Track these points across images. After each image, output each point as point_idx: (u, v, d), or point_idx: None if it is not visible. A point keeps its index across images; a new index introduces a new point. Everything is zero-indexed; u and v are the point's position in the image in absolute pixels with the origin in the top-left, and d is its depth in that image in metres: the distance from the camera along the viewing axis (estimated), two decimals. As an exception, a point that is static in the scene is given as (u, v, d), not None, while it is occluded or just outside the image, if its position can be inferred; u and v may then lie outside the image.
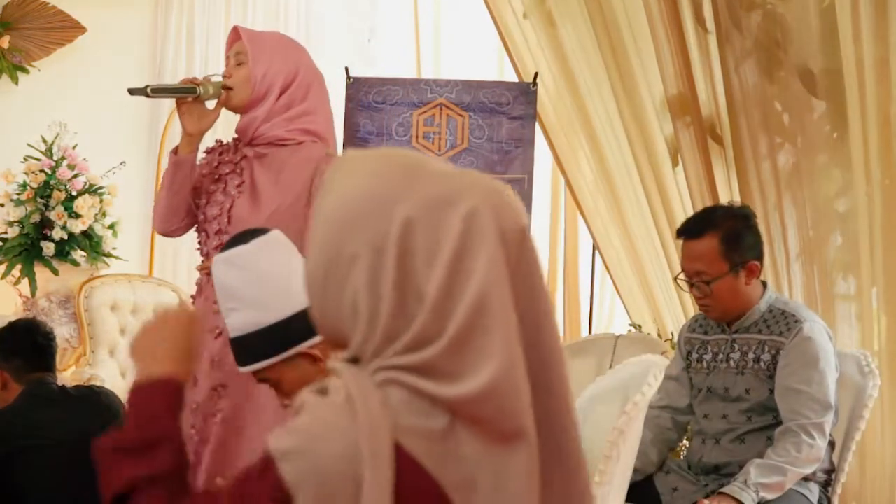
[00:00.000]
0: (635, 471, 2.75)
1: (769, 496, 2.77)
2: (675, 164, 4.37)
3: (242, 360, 2.07)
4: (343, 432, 1.10)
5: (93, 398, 3.03)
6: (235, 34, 2.88)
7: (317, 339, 2.05)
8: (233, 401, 2.71)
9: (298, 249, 2.14)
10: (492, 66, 6.20)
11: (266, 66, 2.80)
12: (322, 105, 2.89)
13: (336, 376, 1.15)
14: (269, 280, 2.04)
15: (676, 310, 4.47)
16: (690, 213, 4.07)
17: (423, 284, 1.10)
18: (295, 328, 2.04)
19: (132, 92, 2.80)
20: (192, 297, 2.88)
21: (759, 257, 2.97)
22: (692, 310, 3.96)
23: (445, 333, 1.09)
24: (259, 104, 2.80)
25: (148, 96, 2.83)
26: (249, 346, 2.05)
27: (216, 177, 2.88)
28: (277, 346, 2.04)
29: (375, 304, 1.11)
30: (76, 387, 3.06)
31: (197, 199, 2.90)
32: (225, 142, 2.99)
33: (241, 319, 2.04)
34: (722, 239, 2.90)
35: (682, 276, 3.00)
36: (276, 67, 2.81)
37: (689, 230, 2.98)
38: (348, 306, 1.13)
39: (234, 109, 2.86)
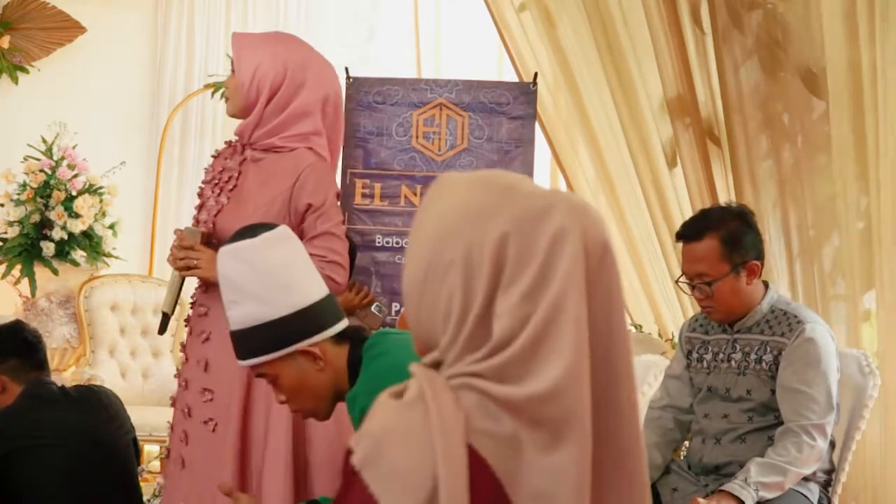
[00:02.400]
0: None
1: (769, 495, 2.76)
2: (673, 164, 4.37)
3: (241, 354, 2.07)
4: (415, 432, 1.14)
5: (92, 398, 3.03)
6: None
7: (316, 338, 2.05)
8: (219, 406, 2.70)
9: None
10: (492, 66, 6.20)
11: (251, 71, 2.78)
12: (318, 99, 2.83)
13: (412, 378, 1.20)
14: (272, 275, 2.04)
15: (676, 310, 4.47)
16: (689, 213, 4.07)
17: (509, 294, 1.17)
18: (296, 325, 2.04)
19: (162, 330, 2.83)
20: (191, 303, 2.88)
21: (760, 257, 2.96)
22: (692, 310, 3.96)
23: (520, 338, 1.15)
24: (251, 110, 2.80)
25: (168, 317, 2.84)
26: (249, 341, 2.05)
27: (215, 182, 2.88)
28: (277, 342, 2.04)
29: (465, 311, 1.18)
30: (76, 387, 3.06)
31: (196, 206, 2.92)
32: (232, 142, 2.99)
33: (242, 313, 2.04)
34: (722, 240, 2.90)
35: (682, 278, 3.00)
36: (263, 71, 2.78)
37: (689, 232, 2.97)
38: (442, 311, 1.20)
39: (235, 116, 2.86)
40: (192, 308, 2.83)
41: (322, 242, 2.72)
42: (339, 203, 2.85)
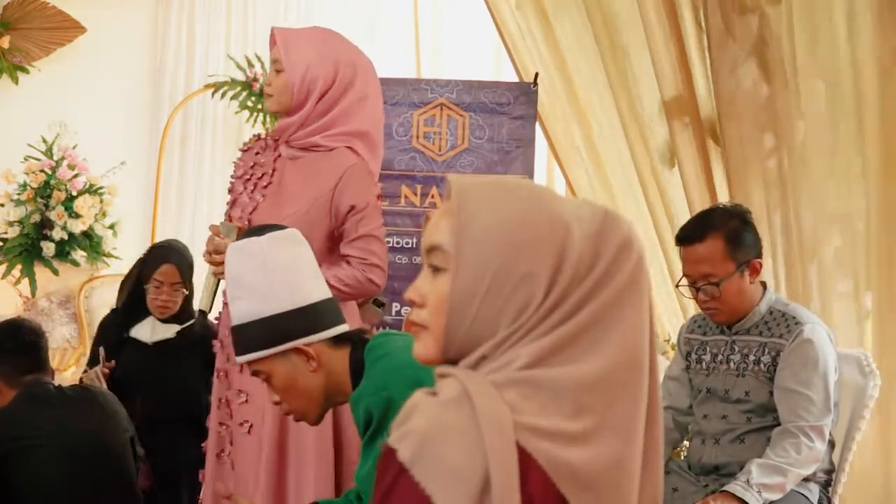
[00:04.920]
0: None
1: (771, 497, 2.76)
2: (671, 164, 4.37)
3: (240, 349, 2.09)
4: (463, 428, 1.15)
5: (90, 398, 3.03)
6: (271, 37, 2.84)
7: (312, 338, 2.06)
8: (253, 407, 2.72)
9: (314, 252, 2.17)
10: (490, 66, 6.20)
11: (303, 71, 2.77)
12: (364, 99, 2.83)
13: (445, 378, 1.22)
14: (274, 272, 2.06)
15: (676, 310, 4.47)
16: (688, 213, 4.07)
17: (573, 295, 1.22)
18: (293, 323, 2.05)
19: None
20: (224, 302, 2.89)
21: (759, 255, 2.97)
22: (691, 310, 3.96)
23: (579, 315, 1.20)
24: (299, 109, 2.79)
25: (205, 315, 2.85)
26: (247, 336, 2.06)
27: (248, 178, 2.88)
28: (273, 338, 2.05)
29: (533, 313, 1.21)
30: (73, 387, 3.05)
31: (228, 202, 2.92)
32: (262, 136, 2.97)
33: (243, 308, 2.06)
34: (725, 239, 2.90)
35: (683, 282, 2.99)
36: (314, 71, 2.77)
37: (691, 234, 2.96)
38: (508, 316, 1.22)
39: (278, 114, 2.84)
40: (224, 307, 2.82)
41: (362, 244, 2.75)
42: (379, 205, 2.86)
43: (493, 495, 1.11)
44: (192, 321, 3.75)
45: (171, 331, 3.77)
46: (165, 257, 3.77)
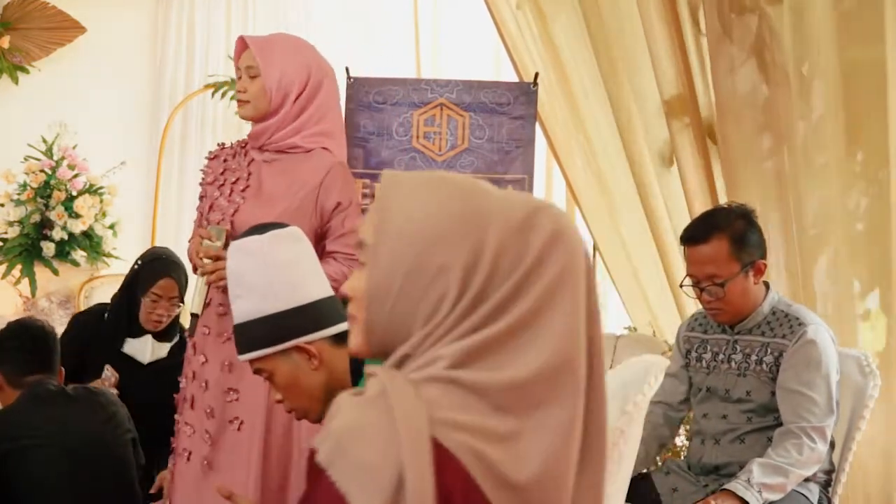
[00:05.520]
0: None
1: (772, 497, 2.76)
2: (670, 164, 4.37)
3: (241, 348, 2.09)
4: (377, 426, 1.15)
5: (91, 399, 3.03)
6: (242, 44, 2.87)
7: (313, 336, 2.06)
8: (245, 405, 2.72)
9: None
10: (490, 66, 6.20)
11: (279, 75, 2.81)
12: (331, 101, 2.90)
13: (370, 377, 1.21)
14: (275, 270, 2.06)
15: (672, 311, 4.47)
16: (687, 213, 4.07)
17: (497, 292, 1.20)
18: (295, 321, 2.06)
19: (192, 332, 2.81)
20: (206, 303, 2.89)
21: (764, 256, 2.97)
22: (688, 310, 3.96)
23: (501, 321, 1.18)
24: (276, 113, 2.82)
25: (197, 318, 2.81)
26: (249, 334, 2.07)
27: (220, 183, 2.89)
28: (275, 336, 2.05)
29: (452, 309, 1.20)
30: (74, 387, 3.05)
31: (201, 208, 2.93)
32: (227, 145, 3.00)
33: (245, 307, 2.07)
34: (731, 239, 2.89)
35: (687, 282, 2.99)
36: (290, 76, 2.82)
37: (696, 234, 2.96)
38: (424, 312, 1.21)
39: (253, 120, 2.86)
40: (205, 307, 2.82)
41: (349, 240, 2.79)
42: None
43: (407, 492, 1.11)
44: (176, 337, 3.72)
45: (164, 349, 3.73)
46: (166, 271, 3.68)
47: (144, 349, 3.70)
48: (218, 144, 3.04)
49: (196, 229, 2.92)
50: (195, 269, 2.83)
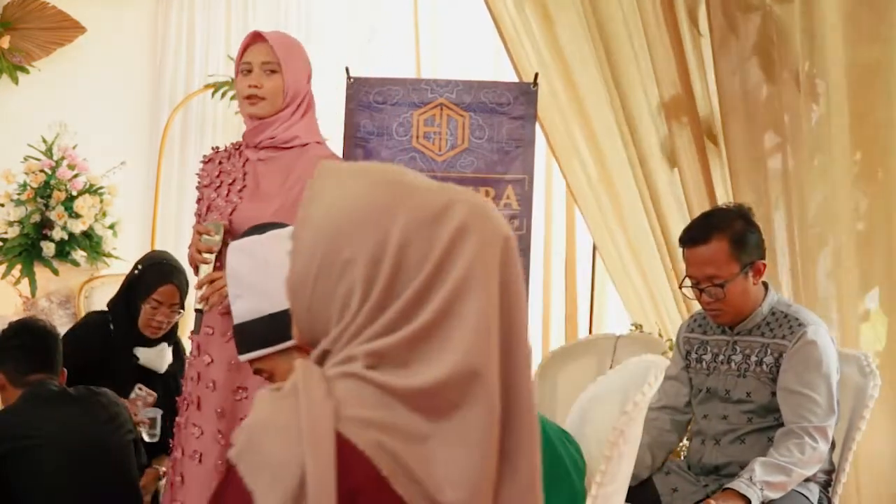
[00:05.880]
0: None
1: (773, 495, 2.76)
2: (672, 164, 4.37)
3: (241, 348, 2.09)
4: (285, 423, 1.15)
5: (92, 398, 3.03)
6: (254, 38, 2.86)
7: None
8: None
9: None
10: (489, 66, 6.20)
11: (298, 74, 2.83)
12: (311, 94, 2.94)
13: (294, 372, 1.21)
14: (274, 270, 2.06)
15: (674, 310, 4.47)
16: (688, 213, 4.07)
17: (408, 288, 1.17)
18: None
19: (197, 329, 2.78)
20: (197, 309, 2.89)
21: (763, 256, 2.97)
22: (691, 309, 3.95)
23: (414, 321, 1.16)
24: (284, 110, 2.83)
25: (202, 314, 2.78)
26: (249, 334, 2.07)
27: (217, 185, 2.89)
28: (275, 336, 2.05)
29: (360, 306, 1.18)
30: (76, 387, 3.05)
31: (199, 210, 2.93)
32: (222, 148, 3.00)
33: (244, 307, 2.07)
34: (730, 240, 2.89)
35: (686, 283, 2.98)
36: (299, 74, 2.84)
37: (695, 235, 2.96)
38: (336, 307, 1.20)
39: (265, 116, 2.85)
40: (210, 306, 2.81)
41: None
42: None
43: (308, 488, 1.11)
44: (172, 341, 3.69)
45: (170, 354, 3.71)
46: (168, 277, 3.63)
47: (161, 358, 3.66)
48: (212, 148, 3.05)
49: (195, 234, 2.91)
50: (196, 272, 2.82)
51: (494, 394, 1.17)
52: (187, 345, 3.21)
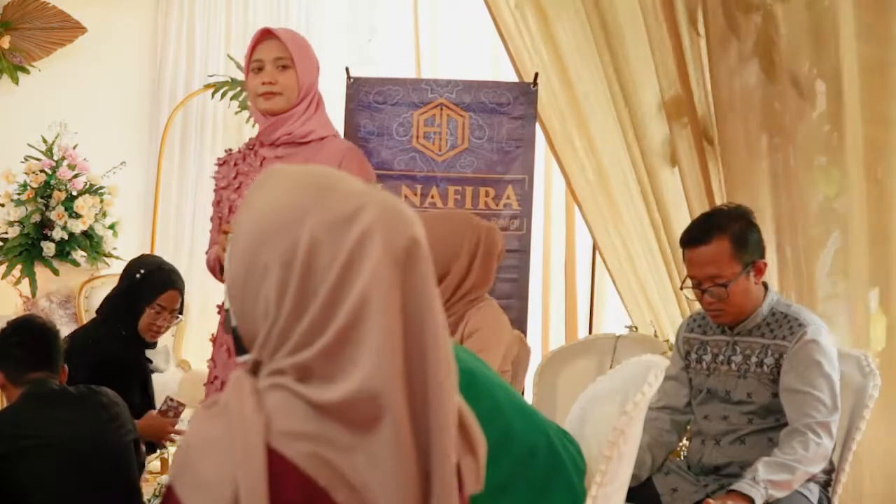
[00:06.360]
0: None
1: (778, 494, 2.75)
2: (672, 164, 4.37)
3: (240, 348, 2.09)
4: (218, 440, 1.16)
5: (93, 398, 3.02)
6: (266, 35, 2.85)
7: None
8: None
9: None
10: (489, 66, 6.21)
11: (306, 70, 2.83)
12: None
13: (228, 383, 1.23)
14: None
15: (674, 310, 4.47)
16: (687, 213, 4.07)
17: (317, 296, 1.18)
18: None
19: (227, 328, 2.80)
20: (218, 305, 2.89)
21: (763, 255, 2.97)
22: (689, 310, 3.95)
23: (324, 336, 1.16)
24: (298, 106, 2.83)
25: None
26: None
27: (236, 186, 2.89)
28: None
29: (278, 312, 1.19)
30: (76, 386, 3.04)
31: (220, 212, 2.92)
32: (234, 150, 3.00)
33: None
34: (731, 240, 2.89)
35: (687, 283, 2.98)
36: (311, 70, 2.85)
37: (696, 236, 2.95)
38: (260, 312, 1.21)
39: (280, 112, 2.85)
40: (219, 309, 2.81)
41: None
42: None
43: (242, 501, 1.11)
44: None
45: (172, 359, 3.71)
46: (172, 282, 3.65)
47: (167, 362, 3.66)
48: (225, 151, 3.05)
49: (215, 236, 2.90)
50: (216, 276, 2.81)
51: (400, 408, 1.15)
52: (189, 347, 3.22)
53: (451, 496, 1.19)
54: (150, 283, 3.66)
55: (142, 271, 3.74)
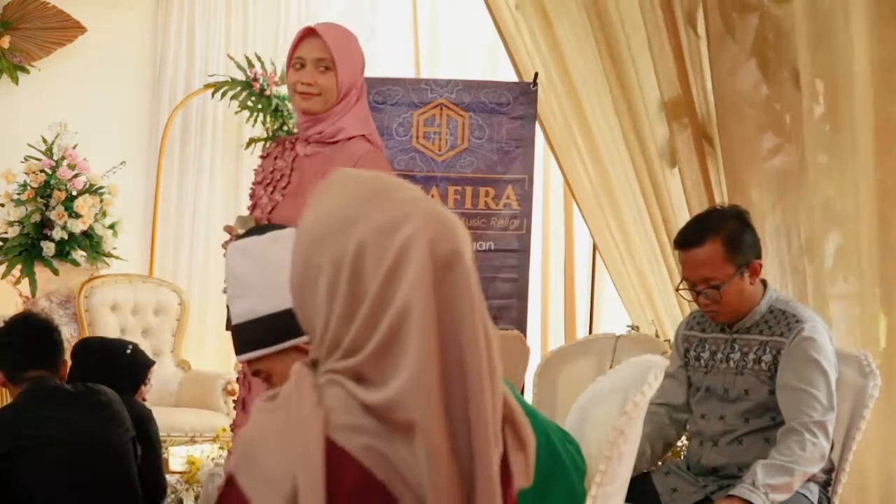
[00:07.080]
0: None
1: (779, 498, 2.75)
2: (672, 164, 4.38)
3: (240, 348, 2.09)
4: (278, 433, 1.20)
5: (92, 397, 3.03)
6: (310, 33, 2.84)
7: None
8: None
9: None
10: (489, 66, 6.21)
11: (347, 69, 2.81)
12: (364, 88, 2.92)
13: (290, 377, 1.26)
14: (272, 271, 2.06)
15: (674, 310, 4.47)
16: (687, 213, 4.07)
17: (364, 302, 1.21)
18: (292, 321, 2.05)
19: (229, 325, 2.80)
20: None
21: (759, 255, 2.96)
22: (689, 309, 3.95)
23: (370, 343, 1.20)
24: (337, 106, 2.81)
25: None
26: (246, 335, 2.06)
27: (267, 182, 2.90)
28: (272, 336, 2.05)
29: (330, 313, 1.22)
30: (75, 385, 3.05)
31: (250, 209, 2.93)
32: (279, 141, 3.00)
33: (243, 307, 2.06)
34: (724, 242, 2.89)
35: (683, 285, 2.98)
36: (353, 68, 2.82)
37: (689, 239, 2.95)
38: (315, 311, 1.25)
39: (318, 112, 2.84)
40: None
41: None
42: None
43: (300, 494, 1.15)
44: None
45: None
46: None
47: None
48: (274, 142, 3.04)
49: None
50: None
51: (433, 419, 1.17)
52: (189, 347, 3.20)
53: (494, 500, 1.21)
54: (139, 369, 3.54)
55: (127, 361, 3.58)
